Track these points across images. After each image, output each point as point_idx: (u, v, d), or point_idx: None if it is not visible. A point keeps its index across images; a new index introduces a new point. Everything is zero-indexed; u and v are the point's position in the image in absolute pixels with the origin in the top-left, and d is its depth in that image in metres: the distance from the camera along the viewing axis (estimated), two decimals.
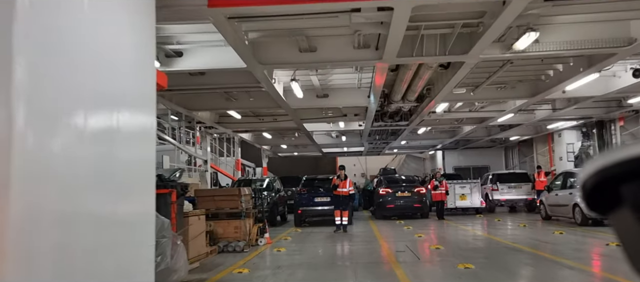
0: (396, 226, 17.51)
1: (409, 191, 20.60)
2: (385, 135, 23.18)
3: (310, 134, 20.76)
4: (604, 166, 0.65)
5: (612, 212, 0.66)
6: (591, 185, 0.67)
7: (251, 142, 23.46)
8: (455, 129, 23.55)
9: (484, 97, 13.86)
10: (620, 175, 0.63)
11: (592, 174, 0.67)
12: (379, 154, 34.97)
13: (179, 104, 13.73)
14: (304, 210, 17.97)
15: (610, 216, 0.67)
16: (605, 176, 0.65)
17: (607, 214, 0.68)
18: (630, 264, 0.64)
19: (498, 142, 29.86)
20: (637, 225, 0.62)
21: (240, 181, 21.19)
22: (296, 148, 30.64)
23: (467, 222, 18.64)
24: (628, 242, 0.65)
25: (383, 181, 21.57)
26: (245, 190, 12.86)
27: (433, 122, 19.43)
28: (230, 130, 18.80)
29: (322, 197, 17.92)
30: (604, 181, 0.65)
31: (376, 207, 21.15)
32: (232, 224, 11.87)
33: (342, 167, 16.26)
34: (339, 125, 19.19)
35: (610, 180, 0.64)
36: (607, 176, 0.65)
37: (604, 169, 0.65)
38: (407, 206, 20.46)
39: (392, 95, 13.64)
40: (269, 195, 19.08)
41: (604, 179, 0.65)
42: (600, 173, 0.66)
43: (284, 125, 18.20)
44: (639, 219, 0.62)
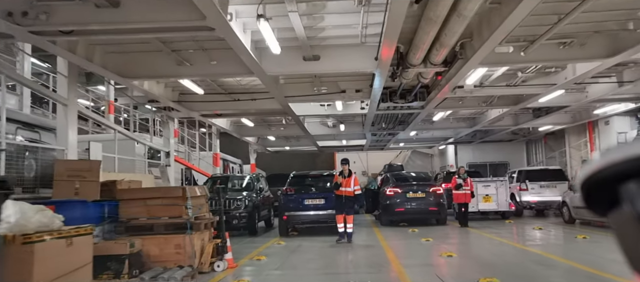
0: (409, 237, 13.52)
1: (422, 191, 16.63)
2: (392, 122, 19.14)
3: (300, 120, 16.73)
4: (603, 166, 0.65)
5: (611, 212, 0.66)
6: (590, 185, 0.68)
7: (230, 132, 19.43)
8: (477, 116, 19.52)
9: (538, 58, 9.82)
10: (618, 175, 0.63)
11: (591, 174, 0.67)
12: (383, 149, 30.93)
13: (111, 69, 9.69)
14: (290, 216, 13.99)
15: (609, 216, 0.67)
16: (603, 175, 0.65)
17: (606, 214, 0.67)
18: (629, 264, 0.64)
19: (521, 135, 25.84)
20: (635, 225, 0.62)
21: (213, 178, 17.18)
22: (287, 141, 26.61)
23: (500, 230, 14.65)
24: (626, 243, 0.65)
25: (390, 178, 17.56)
26: (196, 190, 8.80)
27: (454, 104, 15.41)
28: (196, 114, 14.75)
29: (314, 198, 13.99)
30: (603, 180, 0.65)
31: (382, 210, 17.15)
32: (173, 240, 7.86)
33: (345, 161, 12.56)
34: (336, 108, 15.14)
35: (608, 180, 0.64)
36: (606, 176, 0.65)
37: (603, 169, 0.65)
38: (421, 210, 16.49)
39: (409, 55, 9.61)
40: (248, 196, 15.12)
41: (602, 179, 0.65)
42: (598, 173, 0.66)
43: (265, 107, 14.19)
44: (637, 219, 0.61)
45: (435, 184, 17.10)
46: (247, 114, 15.68)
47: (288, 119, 17.63)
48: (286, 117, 17.32)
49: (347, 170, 12.21)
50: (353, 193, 12.05)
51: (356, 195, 12.24)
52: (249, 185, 16.54)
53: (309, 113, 15.64)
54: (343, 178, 12.08)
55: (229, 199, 14.78)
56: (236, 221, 14.57)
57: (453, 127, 21.50)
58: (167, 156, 15.11)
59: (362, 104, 15.25)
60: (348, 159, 13.06)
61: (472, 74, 11.20)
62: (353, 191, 12.05)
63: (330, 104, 15.28)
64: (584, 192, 0.69)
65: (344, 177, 12.10)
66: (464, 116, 19.49)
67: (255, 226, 15.24)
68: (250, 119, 17.58)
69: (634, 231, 0.62)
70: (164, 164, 14.95)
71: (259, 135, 22.60)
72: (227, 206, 14.71)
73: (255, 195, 15.98)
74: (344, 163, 12.55)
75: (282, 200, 14.41)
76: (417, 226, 16.09)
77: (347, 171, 12.20)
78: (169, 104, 13.32)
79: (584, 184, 0.68)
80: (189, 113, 14.41)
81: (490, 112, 17.91)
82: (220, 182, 17.01)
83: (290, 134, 22.15)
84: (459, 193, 16.13)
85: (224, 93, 13.62)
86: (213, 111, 14.99)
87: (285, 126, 20.36)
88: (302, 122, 17.96)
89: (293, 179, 14.80)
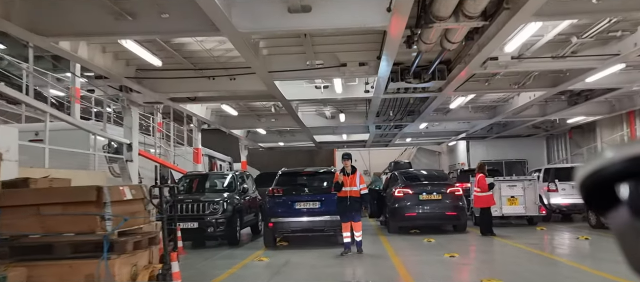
0: (427, 250, 10.79)
1: (438, 193, 13.88)
2: (401, 112, 16.35)
3: (292, 108, 13.97)
4: (602, 165, 0.66)
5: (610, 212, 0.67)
6: (590, 184, 0.68)
7: (211, 123, 16.64)
8: (499, 105, 16.73)
9: (618, 6, 7.02)
10: (618, 174, 0.63)
11: (590, 174, 0.67)
12: (387, 145, 28.17)
13: (18, 22, 6.90)
14: (278, 223, 11.25)
15: (608, 216, 0.68)
16: (603, 175, 0.66)
17: (606, 214, 0.68)
18: (629, 263, 0.65)
19: (543, 129, 23.04)
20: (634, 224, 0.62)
21: (189, 176, 14.41)
22: (281, 137, 23.84)
23: (537, 241, 11.92)
24: (626, 242, 0.65)
25: (399, 178, 14.79)
26: (124, 191, 5.95)
27: (479, 87, 12.60)
28: (163, 97, 11.96)
29: (308, 201, 11.33)
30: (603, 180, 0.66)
31: (390, 215, 14.39)
32: (81, 269, 5.11)
33: (347, 156, 10.48)
34: (334, 90, 12.33)
35: (608, 179, 0.65)
36: (606, 176, 0.65)
37: (602, 169, 0.66)
38: (437, 215, 13.79)
39: (436, 4, 6.83)
40: (229, 199, 12.42)
41: (602, 179, 0.66)
42: (598, 172, 0.66)
43: (247, 88, 11.41)
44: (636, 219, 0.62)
45: (453, 184, 14.31)
46: (228, 99, 12.90)
47: (278, 106, 14.86)
48: (275, 104, 14.55)
49: (350, 166, 10.23)
50: (359, 193, 10.09)
51: (363, 195, 10.25)
52: (230, 185, 13.80)
53: (302, 97, 12.84)
54: (346, 176, 10.09)
55: (203, 203, 12.04)
56: (212, 229, 11.84)
57: (470, 119, 18.72)
58: (129, 150, 12.34)
59: (367, 87, 12.46)
60: (351, 154, 10.55)
61: (516, 37, 8.41)
62: (359, 190, 10.09)
63: (327, 86, 12.50)
64: (583, 192, 0.70)
65: (346, 175, 10.12)
66: (484, 104, 16.68)
67: (237, 235, 12.50)
68: (232, 105, 14.80)
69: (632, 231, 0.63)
70: (125, 159, 12.18)
71: (247, 128, 19.81)
72: (200, 210, 11.97)
73: (239, 197, 13.25)
74: (346, 158, 10.32)
75: (267, 204, 11.67)
76: (432, 233, 13.39)
77: (350, 168, 10.21)
78: (123, 81, 10.55)
79: (583, 184, 0.69)
80: (153, 95, 11.63)
81: (518, 99, 15.13)
82: (199, 181, 14.34)
83: (283, 126, 19.36)
84: (482, 196, 13.35)
85: (194, 69, 10.83)
86: (188, 95, 12.22)
87: (277, 116, 17.57)
88: (295, 111, 15.19)
89: (282, 177, 12.04)
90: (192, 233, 11.78)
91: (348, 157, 10.30)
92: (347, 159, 10.28)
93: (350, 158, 10.41)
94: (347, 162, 10.22)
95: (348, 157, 10.30)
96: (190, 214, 11.86)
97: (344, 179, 10.06)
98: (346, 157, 10.35)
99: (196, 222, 11.79)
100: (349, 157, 10.34)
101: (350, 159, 10.33)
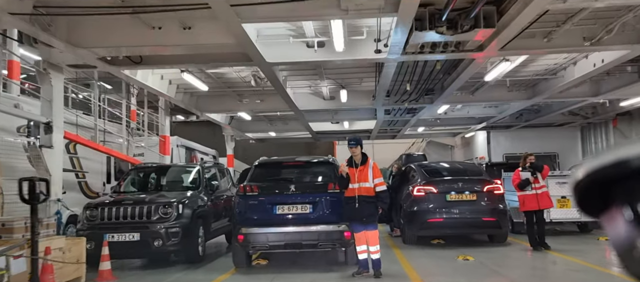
0: (470, 275, 7.34)
1: (471, 192, 10.46)
2: (420, 87, 12.78)
3: (276, 77, 10.43)
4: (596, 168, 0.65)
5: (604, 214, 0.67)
6: (583, 187, 0.68)
7: (176, 101, 13.09)
8: (542, 81, 13.16)
9: None
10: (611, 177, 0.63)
11: (584, 176, 0.67)
12: (395, 137, 24.62)
13: None
14: (251, 235, 7.80)
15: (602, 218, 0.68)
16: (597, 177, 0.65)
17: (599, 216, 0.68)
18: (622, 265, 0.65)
19: (581, 116, 19.45)
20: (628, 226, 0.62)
21: (138, 169, 10.90)
22: (271, 125, 20.28)
23: (602, 256, 8.41)
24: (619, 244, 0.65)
25: (418, 172, 11.29)
26: None
27: (535, 43, 8.97)
28: (92, 57, 8.39)
29: (293, 204, 8.00)
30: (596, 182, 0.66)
31: (405, 221, 10.94)
32: None
33: (354, 141, 7.49)
34: (333, 45, 8.70)
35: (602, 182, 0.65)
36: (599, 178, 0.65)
37: (596, 171, 0.65)
38: (470, 221, 10.42)
39: None
40: (189, 199, 9.02)
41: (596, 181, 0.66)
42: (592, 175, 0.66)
43: (206, 40, 7.86)
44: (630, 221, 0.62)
45: (490, 181, 10.79)
46: (187, 62, 9.35)
47: (259, 78, 11.31)
48: (255, 73, 11.00)
49: (360, 154, 7.38)
50: (373, 190, 7.23)
51: (379, 194, 7.28)
52: (195, 181, 10.29)
53: (289, 60, 9.24)
54: (353, 168, 7.30)
55: (148, 205, 8.56)
56: (159, 241, 8.36)
57: (501, 101, 15.16)
58: (49, 131, 8.82)
59: (378, 45, 8.90)
60: (360, 139, 7.65)
61: None
62: (373, 187, 7.24)
63: (323, 43, 8.94)
64: (577, 195, 0.70)
65: (355, 166, 7.32)
66: (525, 78, 13.10)
67: (197, 249, 9.03)
68: (198, 75, 11.20)
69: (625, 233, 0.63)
70: (38, 144, 8.65)
71: (226, 111, 16.24)
72: (143, 216, 8.49)
73: (205, 196, 9.82)
74: (353, 145, 7.43)
75: (236, 207, 8.17)
76: (462, 245, 10.05)
77: (359, 156, 7.38)
78: (18, 25, 7.06)
79: (577, 187, 0.69)
80: (77, 52, 8.09)
81: (573, 69, 11.57)
82: (153, 175, 10.83)
83: (271, 109, 15.81)
84: (529, 194, 9.84)
85: (131, 12, 7.31)
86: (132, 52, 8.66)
87: (261, 96, 14.03)
88: (283, 86, 11.66)
89: (259, 170, 8.52)
90: (130, 248, 8.30)
91: (356, 143, 7.39)
92: (354, 144, 7.38)
93: (360, 143, 7.43)
94: (354, 148, 7.37)
95: (356, 143, 7.39)
96: (128, 221, 8.38)
97: (351, 171, 7.25)
98: (353, 143, 7.41)
99: (137, 233, 8.31)
100: (358, 143, 7.42)
101: (358, 144, 7.40)
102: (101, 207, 8.50)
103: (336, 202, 7.75)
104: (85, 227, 8.44)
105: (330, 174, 8.31)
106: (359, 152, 7.30)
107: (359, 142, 7.34)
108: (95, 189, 12.11)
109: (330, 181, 7.98)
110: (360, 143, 7.37)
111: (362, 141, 7.45)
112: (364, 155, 7.35)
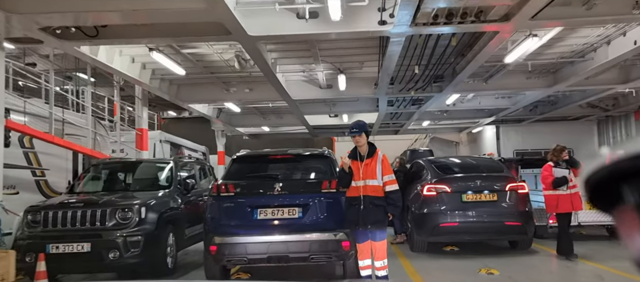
0: None
1: (492, 191, 8.91)
2: (429, 72, 11.21)
3: (262, 57, 8.88)
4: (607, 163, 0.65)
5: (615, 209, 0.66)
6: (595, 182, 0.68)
7: (151, 89, 11.54)
8: (570, 63, 11.59)
9: None
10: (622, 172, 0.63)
11: (595, 171, 0.67)
12: (397, 132, 23.09)
13: None
14: (226, 245, 6.24)
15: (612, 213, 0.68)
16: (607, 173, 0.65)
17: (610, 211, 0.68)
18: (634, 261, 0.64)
19: (601, 108, 17.91)
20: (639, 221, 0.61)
21: (101, 164, 9.32)
22: (264, 119, 18.75)
23: None
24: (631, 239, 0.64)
25: (427, 168, 9.73)
26: None
27: (572, 11, 7.41)
28: (32, 25, 6.83)
29: (279, 207, 6.32)
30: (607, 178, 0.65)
31: (414, 225, 9.37)
32: None
33: (358, 128, 5.85)
34: (328, 15, 7.11)
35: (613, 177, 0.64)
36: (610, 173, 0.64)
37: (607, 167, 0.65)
38: (491, 225, 8.87)
39: None
40: (154, 201, 7.49)
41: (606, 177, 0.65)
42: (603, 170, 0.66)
43: (167, 5, 6.31)
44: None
45: (513, 178, 9.26)
46: (151, 36, 7.76)
47: (244, 59, 9.74)
48: (239, 53, 9.44)
49: (366, 145, 5.82)
50: (382, 190, 5.72)
51: (390, 195, 5.73)
52: (168, 179, 8.72)
53: (275, 32, 7.65)
54: (358, 162, 5.76)
55: (101, 209, 7.03)
56: (115, 253, 6.81)
57: (518, 89, 13.61)
58: None
59: (384, 15, 7.33)
60: (365, 124, 6.00)
61: None
62: (382, 186, 5.72)
63: (316, 12, 7.36)
64: (588, 189, 0.69)
65: (360, 159, 5.77)
66: (546, 65, 11.53)
67: (165, 260, 7.51)
68: (170, 56, 9.62)
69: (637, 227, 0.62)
70: None
71: (211, 101, 14.67)
72: (96, 221, 6.95)
73: (179, 197, 8.32)
74: (356, 132, 5.83)
75: (208, 211, 6.62)
76: (479, 253, 8.62)
77: (365, 148, 5.84)
78: None
79: (588, 182, 0.68)
80: (10, 23, 6.55)
81: (607, 50, 10.03)
82: (119, 172, 9.28)
83: (261, 99, 14.27)
84: (562, 195, 8.31)
85: None
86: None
87: (250, 83, 12.49)
88: (272, 70, 10.11)
89: (237, 165, 6.96)
90: (79, 261, 6.76)
91: (359, 129, 5.75)
92: (357, 132, 5.74)
93: (364, 130, 5.81)
94: (358, 137, 5.75)
95: (359, 129, 5.75)
96: (77, 228, 6.84)
97: (355, 165, 5.72)
98: (356, 130, 5.76)
99: (87, 242, 6.77)
100: (362, 129, 5.78)
101: (363, 131, 5.78)
102: (45, 211, 6.95)
103: (332, 204, 6.25)
104: (25, 235, 6.90)
105: (325, 170, 6.79)
106: (364, 142, 5.77)
107: (363, 129, 5.80)
108: (58, 188, 10.56)
109: (325, 179, 6.45)
110: (366, 130, 5.84)
111: (367, 127, 5.93)
112: (372, 145, 5.82)
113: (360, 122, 5.91)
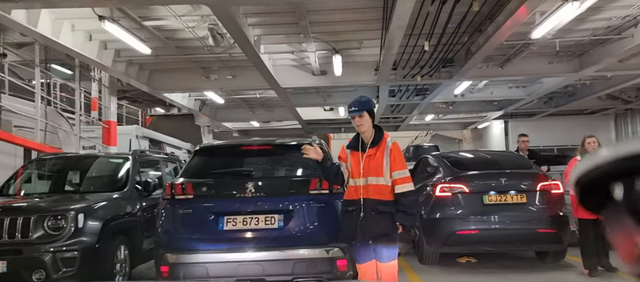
0: None
1: (519, 191, 7.34)
2: (439, 56, 9.60)
3: (241, 31, 7.28)
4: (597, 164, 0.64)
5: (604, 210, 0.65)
6: (584, 183, 0.67)
7: (117, 74, 9.91)
8: (596, 45, 10.02)
9: None
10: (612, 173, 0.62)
11: (585, 172, 0.66)
12: (397, 128, 21.51)
13: None
14: (177, 266, 4.58)
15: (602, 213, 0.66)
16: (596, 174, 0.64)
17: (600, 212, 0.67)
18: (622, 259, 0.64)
19: (622, 99, 16.38)
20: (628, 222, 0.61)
21: (40, 161, 7.66)
22: (252, 112, 17.11)
23: None
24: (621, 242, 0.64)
25: (440, 164, 8.12)
26: None
27: None
28: None
29: (252, 214, 4.61)
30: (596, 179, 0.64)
31: (424, 232, 7.74)
32: None
33: (357, 107, 4.11)
34: None
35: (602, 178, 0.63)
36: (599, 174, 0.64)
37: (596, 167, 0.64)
38: (519, 233, 7.22)
39: None
40: (98, 205, 5.78)
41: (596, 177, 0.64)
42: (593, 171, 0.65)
43: None
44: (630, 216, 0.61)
45: (545, 175, 7.68)
46: None
47: (220, 34, 8.11)
48: (211, 24, 7.81)
49: (371, 129, 4.18)
50: (391, 192, 4.04)
51: (400, 198, 4.02)
52: (123, 178, 7.06)
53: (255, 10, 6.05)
54: (360, 152, 4.15)
55: (24, 217, 5.40)
56: (41, 274, 5.17)
57: (538, 75, 12.04)
58: None
59: None
60: (368, 100, 4.34)
61: None
62: (390, 186, 4.03)
63: None
64: (577, 190, 0.68)
65: (361, 149, 4.15)
66: (575, 44, 9.96)
67: (112, 279, 5.88)
68: (130, 29, 7.96)
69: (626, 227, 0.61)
70: None
71: (189, 89, 13.03)
72: (17, 233, 5.34)
73: (136, 201, 6.71)
74: (356, 111, 4.19)
75: (159, 219, 5.01)
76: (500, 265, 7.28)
77: (370, 132, 4.18)
78: None
79: (578, 183, 0.67)
80: None
81: (637, 31, 8.49)
82: (65, 170, 7.67)
83: (246, 87, 12.66)
84: None
85: None
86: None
87: (232, 68, 10.87)
88: (254, 47, 8.50)
89: (198, 159, 5.34)
90: None
91: (360, 108, 4.16)
92: (357, 111, 4.16)
93: (367, 108, 4.19)
94: (360, 117, 4.15)
95: (360, 108, 4.16)
96: None
97: (354, 157, 4.21)
98: (357, 108, 4.17)
99: (2, 261, 5.15)
100: (365, 106, 4.19)
101: (366, 109, 4.17)
102: None
103: (324, 210, 4.73)
104: None
105: (314, 165, 5.18)
106: (368, 126, 4.16)
107: (366, 106, 4.17)
108: None
109: (314, 176, 4.87)
110: (370, 108, 4.22)
111: (373, 104, 4.35)
112: (379, 130, 4.21)
113: (363, 98, 4.29)
